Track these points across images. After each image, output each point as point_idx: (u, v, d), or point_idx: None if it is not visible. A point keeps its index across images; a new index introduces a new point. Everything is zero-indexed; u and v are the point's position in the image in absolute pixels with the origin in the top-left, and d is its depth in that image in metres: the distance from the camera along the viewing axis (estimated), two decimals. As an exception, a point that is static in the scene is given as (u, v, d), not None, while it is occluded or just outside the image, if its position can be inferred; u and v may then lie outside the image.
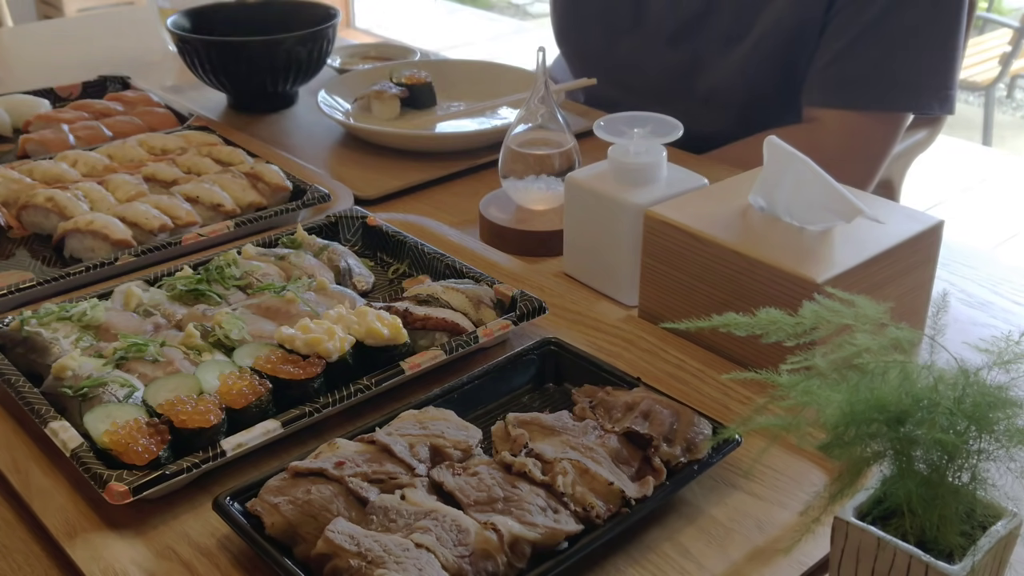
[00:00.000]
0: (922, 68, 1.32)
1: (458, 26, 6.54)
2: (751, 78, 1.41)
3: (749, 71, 1.41)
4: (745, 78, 1.42)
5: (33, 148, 1.33)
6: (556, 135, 1.12)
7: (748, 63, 1.40)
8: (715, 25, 1.42)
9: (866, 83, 1.32)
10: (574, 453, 0.73)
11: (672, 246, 0.93)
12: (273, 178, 1.20)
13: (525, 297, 0.94)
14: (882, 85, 1.32)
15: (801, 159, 0.90)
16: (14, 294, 0.98)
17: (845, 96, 1.34)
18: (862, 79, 1.32)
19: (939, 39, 1.31)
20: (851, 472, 0.60)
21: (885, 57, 1.31)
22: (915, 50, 1.31)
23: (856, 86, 1.33)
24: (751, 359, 0.89)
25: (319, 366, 0.83)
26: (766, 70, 1.40)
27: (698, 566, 0.70)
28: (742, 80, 1.42)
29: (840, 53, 1.32)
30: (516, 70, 1.58)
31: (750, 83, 1.42)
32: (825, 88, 1.35)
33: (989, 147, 4.60)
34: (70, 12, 4.37)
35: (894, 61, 1.31)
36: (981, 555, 0.57)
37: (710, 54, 1.43)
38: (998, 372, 0.57)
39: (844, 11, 1.32)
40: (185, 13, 1.56)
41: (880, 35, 1.30)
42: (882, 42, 1.30)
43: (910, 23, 1.29)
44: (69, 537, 0.71)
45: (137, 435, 0.75)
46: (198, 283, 0.96)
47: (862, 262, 0.86)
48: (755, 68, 1.40)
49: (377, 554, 0.63)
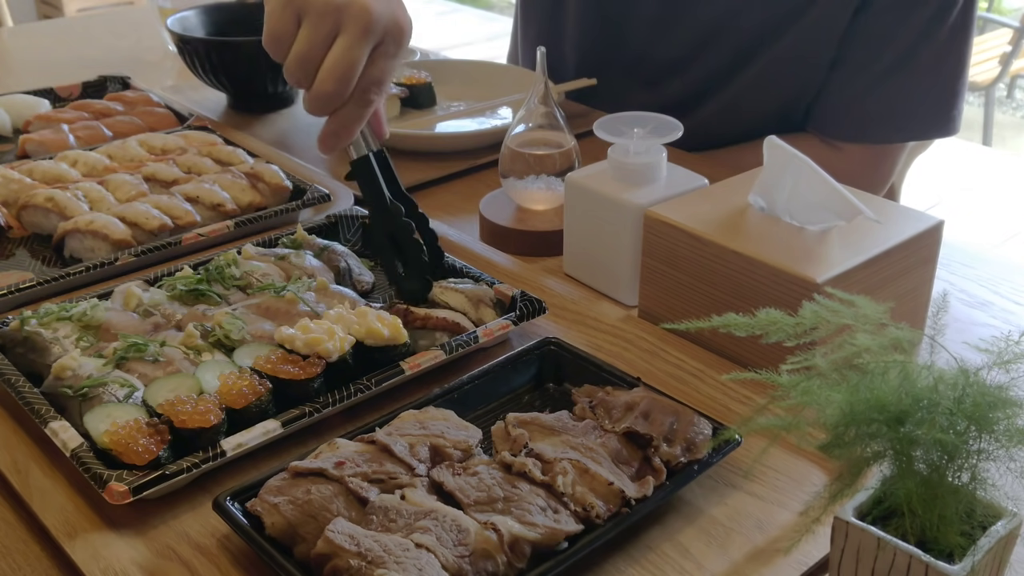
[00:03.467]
0: (939, 98, 1.33)
1: (458, 26, 6.54)
2: (744, 108, 1.41)
3: (744, 99, 1.40)
4: (737, 110, 1.41)
5: (33, 148, 1.33)
6: (556, 135, 1.12)
7: (743, 98, 1.39)
8: (712, 60, 1.39)
9: (890, 119, 1.33)
10: (574, 453, 0.73)
11: (672, 246, 0.93)
12: (273, 178, 1.20)
13: (525, 297, 0.94)
14: (904, 119, 1.34)
15: (801, 159, 0.90)
16: (14, 294, 0.98)
17: (868, 132, 1.35)
18: (886, 116, 1.33)
19: (957, 68, 1.32)
20: (851, 472, 0.60)
21: (908, 93, 1.32)
22: (935, 82, 1.32)
23: (880, 123, 1.34)
24: (751, 359, 0.89)
25: (319, 366, 0.83)
26: (759, 99, 1.39)
27: (698, 566, 0.70)
28: (738, 105, 1.41)
29: (865, 90, 1.32)
30: (516, 70, 1.58)
31: (744, 113, 1.41)
32: (849, 124, 1.35)
33: (989, 147, 4.60)
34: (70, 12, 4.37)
35: (916, 95, 1.32)
36: (981, 555, 0.57)
37: (711, 81, 1.41)
38: (998, 372, 0.57)
39: (866, 47, 1.31)
40: (185, 13, 1.56)
41: (903, 71, 1.30)
42: (905, 79, 1.31)
43: (931, 58, 1.30)
44: (69, 537, 0.71)
45: (137, 435, 0.75)
46: (198, 283, 0.96)
47: (862, 262, 0.86)
48: (747, 98, 1.39)
49: (377, 554, 0.63)
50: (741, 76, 1.38)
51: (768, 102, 1.39)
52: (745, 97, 1.39)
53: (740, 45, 1.36)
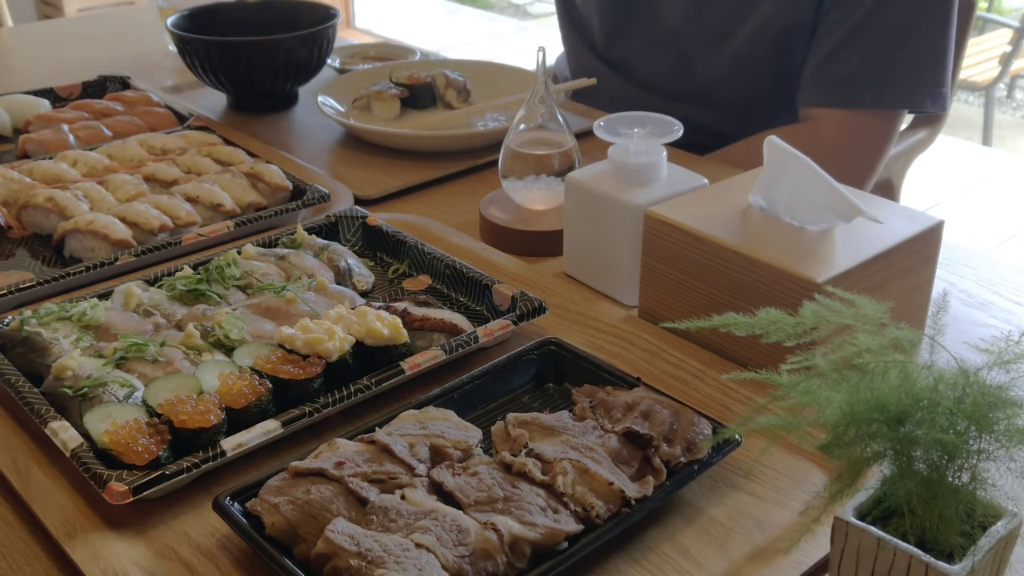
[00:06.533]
0: (913, 66, 1.32)
1: (458, 26, 6.54)
2: (741, 78, 1.42)
3: (739, 71, 1.41)
4: (736, 78, 1.42)
5: (33, 148, 1.33)
6: (556, 135, 1.12)
7: (737, 63, 1.41)
8: (705, 24, 1.43)
9: (859, 82, 1.33)
10: (574, 453, 0.73)
11: (672, 246, 0.93)
12: (273, 178, 1.20)
13: (525, 297, 0.94)
14: (875, 83, 1.33)
15: (801, 159, 0.90)
16: (14, 294, 0.98)
17: (839, 95, 1.35)
18: (855, 78, 1.33)
19: (930, 36, 1.31)
20: (851, 472, 0.60)
21: (876, 55, 1.32)
22: (906, 48, 1.32)
23: (849, 85, 1.34)
24: (751, 359, 0.89)
25: (319, 366, 0.83)
26: (756, 71, 1.41)
27: (698, 566, 0.70)
28: (733, 80, 1.43)
29: (832, 53, 1.33)
30: (516, 70, 1.58)
31: (741, 83, 1.43)
32: (819, 88, 1.36)
33: (989, 147, 4.60)
34: (70, 12, 4.36)
35: (885, 59, 1.32)
36: (981, 555, 0.57)
37: (701, 54, 1.44)
38: (998, 372, 0.57)
39: (834, 11, 1.32)
40: (185, 13, 1.56)
41: (870, 34, 1.31)
42: (873, 41, 1.31)
43: (900, 21, 1.30)
44: (69, 537, 0.71)
45: (137, 435, 0.75)
46: (198, 283, 0.96)
47: (862, 262, 0.86)
48: (745, 68, 1.41)
49: (377, 554, 0.63)
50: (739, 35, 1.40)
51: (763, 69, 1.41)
52: (740, 60, 1.41)
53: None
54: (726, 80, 1.44)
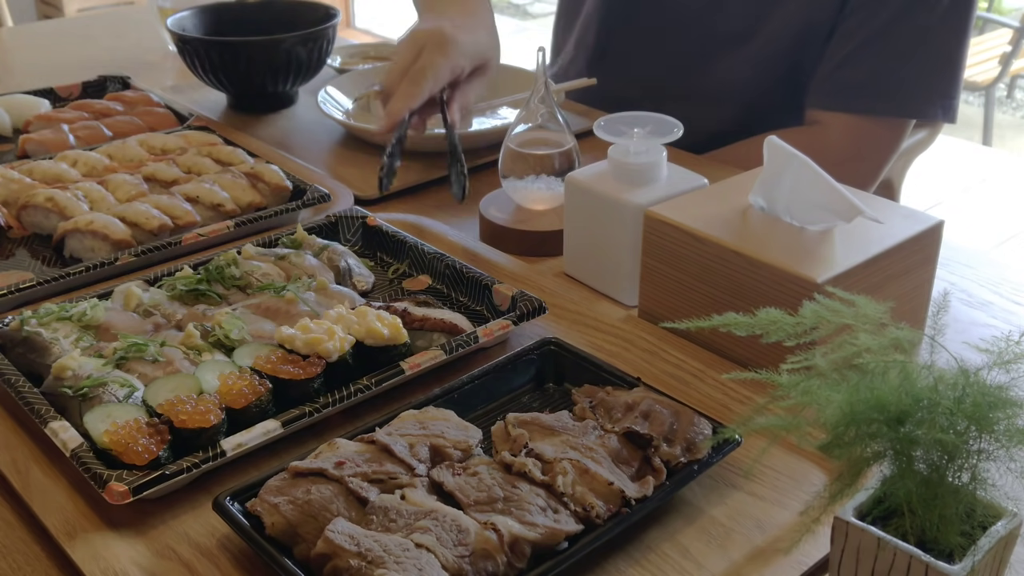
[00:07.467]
0: (927, 75, 1.31)
1: (458, 26, 6.53)
2: (752, 79, 1.41)
3: (752, 71, 1.40)
4: (746, 79, 1.41)
5: (33, 148, 1.33)
6: (556, 135, 1.12)
7: (751, 63, 1.40)
8: (721, 24, 1.42)
9: (871, 88, 1.32)
10: (574, 453, 0.73)
11: (672, 246, 0.93)
12: (273, 178, 1.20)
13: (525, 297, 0.94)
14: (886, 91, 1.32)
15: (801, 159, 0.90)
16: (14, 294, 0.98)
17: (849, 100, 1.34)
18: (867, 84, 1.32)
19: (946, 48, 1.31)
20: (851, 472, 0.60)
21: (891, 63, 1.31)
22: (922, 57, 1.31)
23: (860, 91, 1.33)
24: (751, 359, 0.89)
25: (319, 366, 0.83)
26: (768, 72, 1.40)
27: (698, 566, 0.70)
28: (743, 80, 1.42)
29: (847, 57, 1.32)
30: (516, 70, 1.58)
31: (751, 84, 1.42)
32: (830, 92, 1.35)
33: (989, 147, 4.60)
34: (70, 12, 4.37)
35: (900, 67, 1.31)
36: (981, 555, 0.57)
37: (713, 53, 1.43)
38: (998, 372, 0.57)
39: (855, 15, 1.31)
40: (185, 13, 1.56)
41: (889, 40, 1.30)
42: (889, 48, 1.30)
43: (919, 31, 1.29)
44: (69, 537, 0.71)
45: (137, 435, 0.75)
46: (198, 283, 0.96)
47: (862, 262, 0.86)
48: (759, 69, 1.40)
49: (377, 554, 0.63)
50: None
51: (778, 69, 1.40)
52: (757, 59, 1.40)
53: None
54: (735, 80, 1.43)
